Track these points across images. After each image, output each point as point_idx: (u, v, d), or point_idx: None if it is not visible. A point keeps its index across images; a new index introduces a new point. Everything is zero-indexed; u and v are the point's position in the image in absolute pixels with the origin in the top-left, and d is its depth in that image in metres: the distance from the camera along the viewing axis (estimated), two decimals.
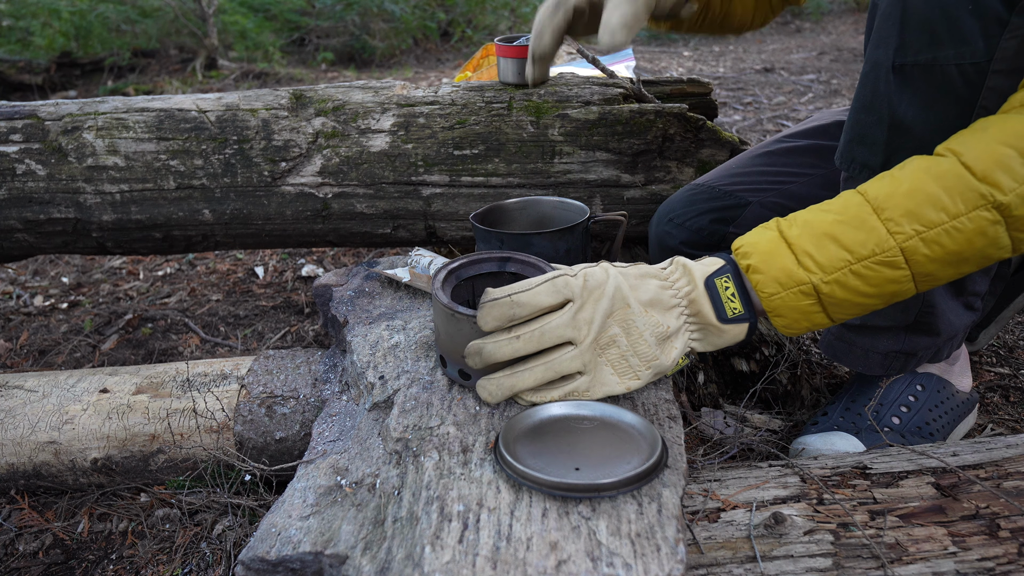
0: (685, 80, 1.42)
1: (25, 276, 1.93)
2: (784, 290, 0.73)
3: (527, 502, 0.65)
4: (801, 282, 0.73)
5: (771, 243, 0.74)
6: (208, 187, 1.25)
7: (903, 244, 0.70)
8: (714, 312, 0.75)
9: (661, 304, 0.74)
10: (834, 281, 0.72)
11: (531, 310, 0.71)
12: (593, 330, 0.72)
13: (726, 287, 0.75)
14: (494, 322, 0.72)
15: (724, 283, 0.75)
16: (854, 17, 5.69)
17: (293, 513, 0.72)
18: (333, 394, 0.96)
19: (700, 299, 0.75)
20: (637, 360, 0.74)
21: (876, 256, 0.70)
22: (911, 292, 0.73)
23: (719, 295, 0.75)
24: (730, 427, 1.08)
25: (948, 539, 0.70)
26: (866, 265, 0.71)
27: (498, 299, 0.71)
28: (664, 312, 0.74)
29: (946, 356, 1.00)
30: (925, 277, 0.72)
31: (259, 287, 1.78)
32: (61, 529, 1.00)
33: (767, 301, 0.74)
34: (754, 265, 0.74)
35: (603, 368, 0.73)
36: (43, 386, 1.05)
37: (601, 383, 0.73)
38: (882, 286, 0.72)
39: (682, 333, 0.75)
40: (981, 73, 0.72)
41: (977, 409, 1.10)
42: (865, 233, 0.71)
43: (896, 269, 0.71)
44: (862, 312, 0.75)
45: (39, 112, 1.29)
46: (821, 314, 0.74)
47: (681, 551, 0.60)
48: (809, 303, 0.73)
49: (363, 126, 1.25)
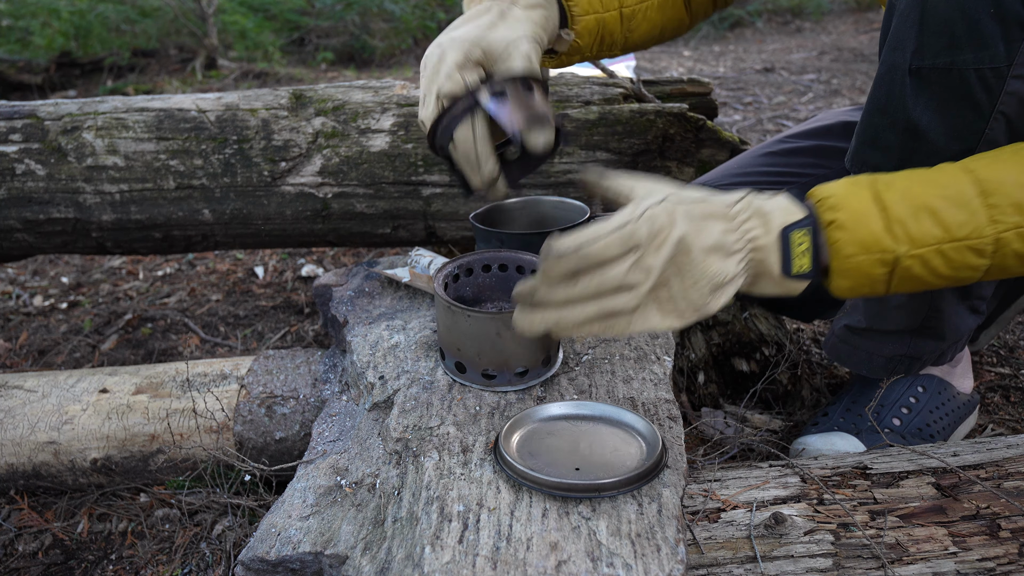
0: (685, 80, 1.42)
1: (25, 276, 1.93)
2: (864, 254, 0.68)
3: (527, 502, 0.64)
4: (885, 250, 0.68)
5: (864, 203, 0.69)
6: (208, 187, 1.25)
7: (1000, 235, 0.66)
8: (780, 265, 0.70)
9: (723, 249, 0.69)
10: (918, 257, 0.68)
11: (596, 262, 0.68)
12: (652, 278, 0.68)
13: (800, 243, 0.69)
14: (560, 277, 0.68)
15: (800, 238, 0.69)
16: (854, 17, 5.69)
17: (293, 513, 0.72)
18: (333, 394, 0.96)
19: (769, 248, 0.70)
20: (685, 304, 0.70)
21: (969, 240, 0.67)
22: (971, 282, 0.71)
23: (791, 249, 0.69)
24: (730, 427, 1.07)
25: (948, 539, 0.70)
26: (955, 247, 0.67)
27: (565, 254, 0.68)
28: (725, 258, 0.69)
29: (950, 359, 1.00)
30: (998, 270, 0.69)
31: (259, 287, 1.77)
32: (61, 529, 1.00)
33: (841, 262, 0.69)
34: (840, 221, 0.68)
35: (650, 307, 0.70)
36: (43, 386, 1.05)
37: (645, 320, 0.69)
38: (958, 271, 0.69)
39: (738, 278, 0.71)
40: (1000, 78, 0.71)
41: (978, 410, 1.10)
42: (966, 215, 0.67)
43: (981, 257, 0.67)
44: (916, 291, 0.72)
45: (39, 112, 1.29)
46: (883, 285, 0.70)
47: (681, 551, 0.60)
48: (882, 272, 0.69)
49: (363, 126, 1.25)
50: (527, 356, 0.79)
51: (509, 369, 0.79)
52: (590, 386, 0.81)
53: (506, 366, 0.79)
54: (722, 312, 1.18)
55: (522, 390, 0.80)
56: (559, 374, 0.83)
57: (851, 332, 1.00)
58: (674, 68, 4.21)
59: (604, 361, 0.86)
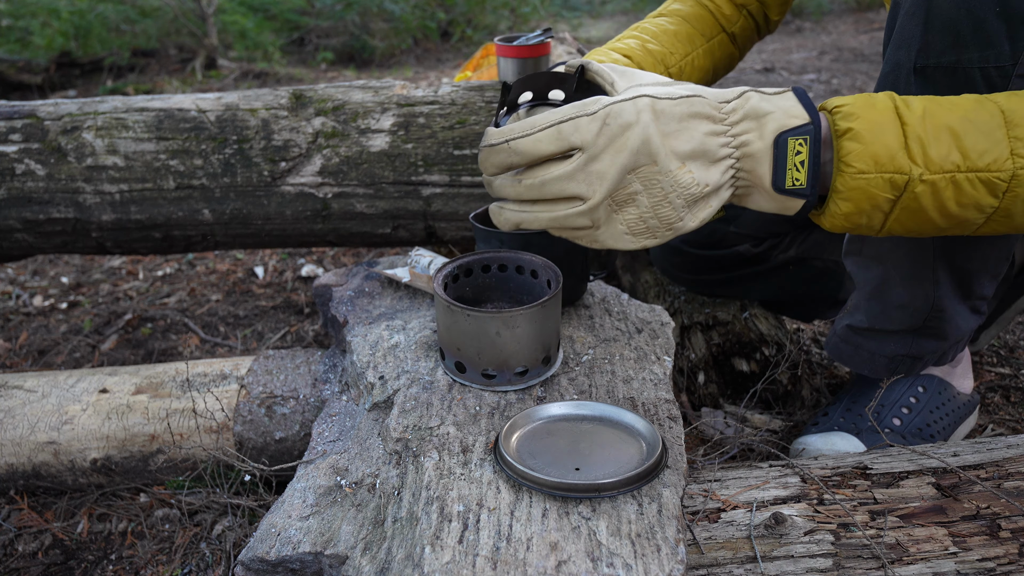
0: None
1: (24, 276, 1.93)
2: (876, 172, 0.61)
3: (527, 502, 0.64)
4: (899, 170, 0.61)
5: (883, 114, 0.62)
6: (208, 187, 1.25)
7: (1019, 171, 0.61)
8: (771, 177, 0.62)
9: (705, 156, 0.62)
10: (931, 183, 0.61)
11: (529, 159, 0.62)
12: (605, 187, 0.61)
13: (798, 152, 0.62)
14: (492, 169, 0.64)
15: (798, 146, 0.62)
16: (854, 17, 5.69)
17: (293, 513, 0.72)
18: (333, 394, 0.96)
19: (760, 157, 0.62)
20: (657, 223, 0.63)
21: (987, 172, 0.61)
22: (971, 230, 0.66)
23: (786, 158, 0.62)
24: (730, 427, 1.07)
25: (949, 539, 0.70)
26: (970, 178, 0.61)
27: (495, 145, 0.63)
28: (707, 166, 0.62)
29: (951, 359, 1.00)
30: (1002, 219, 0.64)
31: (259, 287, 1.77)
32: (60, 529, 1.00)
33: (850, 178, 0.61)
34: (856, 131, 0.61)
35: (617, 225, 0.64)
36: (42, 386, 1.04)
37: (612, 236, 0.64)
38: (964, 210, 0.63)
39: (723, 190, 0.64)
40: (1005, 77, 0.70)
41: (978, 410, 1.10)
42: (989, 143, 0.61)
43: (992, 196, 0.62)
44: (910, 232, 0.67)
45: (38, 112, 1.29)
46: (882, 215, 0.64)
47: (681, 551, 0.60)
48: (887, 197, 0.62)
49: (363, 126, 1.25)
50: (527, 355, 0.79)
51: (509, 368, 0.79)
52: (590, 386, 0.81)
53: (506, 365, 0.79)
54: (722, 312, 1.18)
55: (522, 390, 0.80)
56: (559, 374, 0.83)
57: (853, 332, 1.00)
58: None
59: (604, 361, 0.86)
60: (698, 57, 1.00)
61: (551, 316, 0.80)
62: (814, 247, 1.18)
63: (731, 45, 1.04)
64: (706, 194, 0.63)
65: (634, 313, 0.96)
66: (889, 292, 0.93)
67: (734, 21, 1.02)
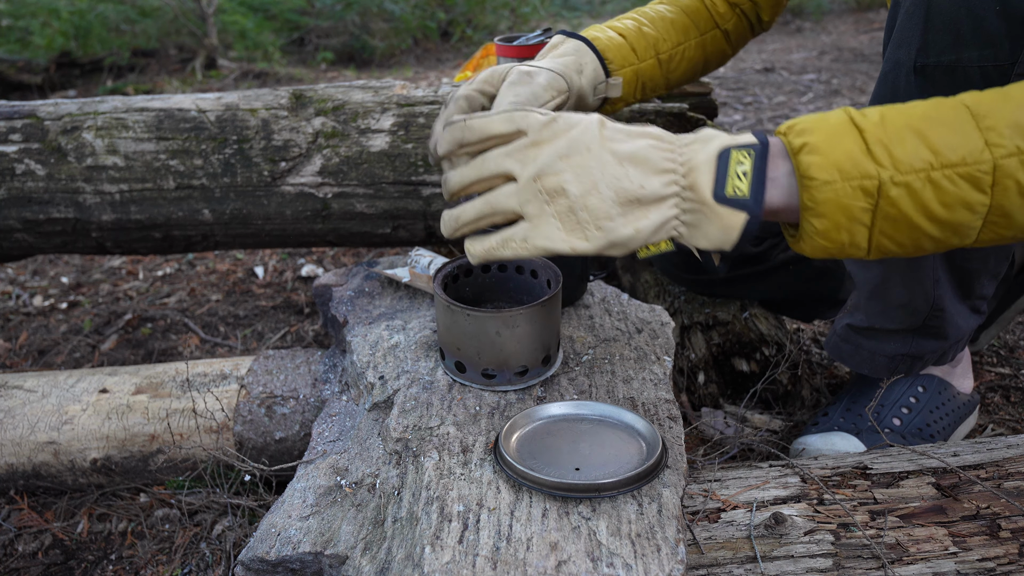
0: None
1: (24, 276, 1.93)
2: (843, 180, 0.58)
3: (527, 502, 0.64)
4: (867, 175, 0.58)
5: (838, 125, 0.60)
6: (208, 187, 1.25)
7: (1000, 160, 0.57)
8: (712, 184, 0.61)
9: (647, 163, 0.62)
10: (905, 184, 0.58)
11: (480, 136, 0.64)
12: (535, 166, 0.62)
13: (740, 162, 0.61)
14: (445, 145, 0.66)
15: (741, 157, 0.61)
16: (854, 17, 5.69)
17: (293, 513, 0.72)
18: (333, 394, 0.96)
19: (702, 167, 0.61)
20: (587, 216, 0.62)
21: (964, 167, 0.57)
22: (971, 237, 0.61)
23: (727, 168, 0.61)
24: (730, 427, 1.07)
25: (949, 539, 0.70)
26: (948, 175, 0.58)
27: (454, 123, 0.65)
28: (648, 173, 0.62)
29: (951, 359, 1.00)
30: (1000, 216, 0.59)
31: (259, 287, 1.77)
32: (60, 529, 1.00)
33: (816, 190, 0.59)
34: (812, 144, 0.59)
35: (549, 220, 0.63)
36: (42, 386, 1.04)
37: (544, 235, 0.63)
38: (953, 210, 0.59)
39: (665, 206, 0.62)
40: (1004, 76, 0.70)
41: (978, 410, 1.10)
42: (959, 137, 0.58)
43: (979, 192, 0.58)
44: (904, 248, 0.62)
45: (38, 112, 1.29)
46: (864, 229, 0.60)
47: (681, 551, 0.60)
48: (863, 206, 0.59)
49: (363, 126, 1.24)
50: (527, 355, 0.79)
51: (509, 368, 0.79)
52: (590, 386, 0.81)
53: (506, 365, 0.79)
54: (722, 312, 1.17)
55: (522, 389, 0.80)
56: (559, 374, 0.83)
57: (853, 331, 1.00)
58: None
59: (604, 361, 0.86)
60: (690, 48, 1.01)
61: (551, 316, 0.80)
62: None
63: (724, 41, 1.05)
64: (642, 198, 0.62)
65: (634, 313, 0.96)
66: (889, 292, 0.93)
67: (727, 19, 1.03)
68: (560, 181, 0.62)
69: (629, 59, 0.94)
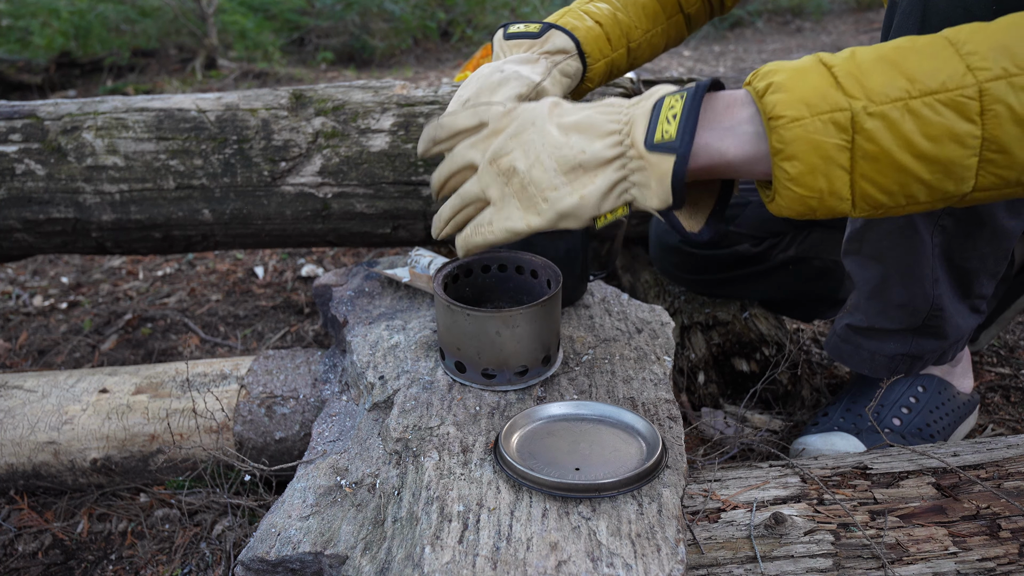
0: (685, 80, 1.42)
1: (24, 276, 1.93)
2: (812, 115, 0.54)
3: (527, 502, 0.64)
4: (837, 107, 0.54)
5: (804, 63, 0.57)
6: (208, 187, 1.25)
7: (985, 83, 0.52)
8: (644, 134, 0.58)
9: (591, 129, 0.61)
10: (880, 115, 0.53)
11: (448, 131, 0.68)
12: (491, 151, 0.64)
13: (671, 106, 0.58)
14: (422, 144, 0.70)
15: (672, 102, 0.58)
16: (854, 17, 5.69)
17: (293, 513, 0.72)
18: (333, 394, 0.96)
19: (638, 119, 0.59)
20: (534, 189, 0.62)
21: (946, 92, 0.52)
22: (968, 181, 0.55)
23: (659, 115, 0.58)
24: (730, 427, 1.07)
25: (949, 539, 0.70)
26: (928, 103, 0.52)
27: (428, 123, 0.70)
28: (592, 138, 0.60)
29: (951, 359, 1.00)
30: (996, 153, 0.53)
31: (259, 287, 1.77)
32: (60, 529, 1.00)
33: (783, 129, 0.54)
34: (777, 83, 0.55)
35: (510, 201, 0.64)
36: (42, 386, 1.04)
37: (506, 216, 0.64)
38: (941, 144, 0.53)
39: (611, 168, 0.60)
40: None
41: (978, 410, 1.10)
42: (938, 62, 0.53)
43: (966, 121, 0.52)
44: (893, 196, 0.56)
45: (38, 112, 1.29)
46: (844, 173, 0.55)
47: (681, 551, 0.60)
48: (837, 143, 0.54)
49: (363, 126, 1.24)
50: (527, 355, 0.79)
51: (509, 368, 0.79)
52: (590, 386, 0.81)
53: (506, 365, 0.79)
54: (722, 312, 1.17)
55: (522, 390, 0.80)
56: (559, 374, 0.83)
57: (853, 331, 1.00)
58: (674, 68, 4.20)
59: (604, 361, 0.86)
60: (657, 35, 1.02)
61: (551, 316, 0.80)
62: (814, 246, 1.18)
63: (684, 26, 1.06)
64: (583, 163, 0.60)
65: (634, 313, 0.96)
66: (888, 291, 0.93)
67: (692, 3, 1.03)
68: (511, 160, 0.64)
69: (604, 50, 0.95)
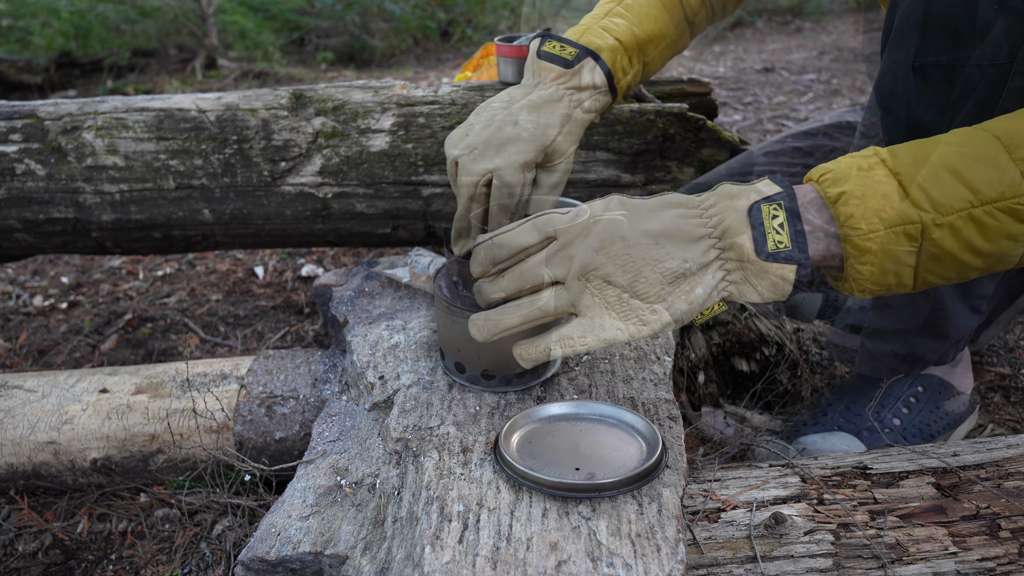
0: (685, 80, 1.42)
1: (24, 276, 1.93)
2: (885, 228, 0.59)
3: (527, 502, 0.64)
4: (909, 220, 0.59)
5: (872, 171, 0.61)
6: (208, 187, 1.25)
7: None
8: (753, 244, 0.61)
9: (681, 235, 0.62)
10: (948, 225, 0.59)
11: (511, 250, 0.66)
12: (575, 266, 0.63)
13: (774, 215, 0.61)
14: (479, 266, 0.68)
15: (772, 210, 0.61)
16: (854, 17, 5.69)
17: (293, 513, 0.72)
18: (333, 394, 0.96)
19: (737, 226, 0.61)
20: (638, 302, 0.63)
21: (1003, 201, 0.58)
22: (1013, 261, 0.62)
23: (762, 223, 0.61)
24: (730, 427, 1.07)
25: (948, 539, 0.70)
26: (988, 211, 0.58)
27: (481, 243, 0.67)
28: (685, 244, 0.62)
29: (951, 359, 1.00)
30: None
31: (259, 287, 1.77)
32: (60, 529, 1.00)
33: (860, 240, 0.59)
34: (849, 192, 0.59)
35: (602, 312, 0.64)
36: (42, 386, 1.04)
37: (600, 327, 0.64)
38: (997, 243, 0.60)
39: (709, 272, 0.62)
40: (1003, 74, 0.70)
41: (978, 410, 1.10)
42: (995, 171, 0.58)
43: (1019, 223, 0.59)
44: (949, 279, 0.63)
45: (38, 112, 1.29)
46: (910, 270, 0.61)
47: (681, 551, 0.60)
48: (907, 250, 0.60)
49: (363, 126, 1.24)
50: None
51: (509, 369, 0.79)
52: (590, 386, 0.81)
53: (506, 366, 0.79)
54: (723, 312, 1.17)
55: (522, 390, 0.80)
56: (559, 374, 0.83)
57: (853, 331, 1.00)
58: (674, 68, 4.20)
59: (604, 361, 0.86)
60: (666, 48, 1.01)
61: None
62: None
63: (688, 35, 1.05)
64: (686, 272, 0.62)
65: None
66: None
67: (696, 11, 1.03)
68: (604, 274, 0.63)
69: (626, 69, 0.94)
